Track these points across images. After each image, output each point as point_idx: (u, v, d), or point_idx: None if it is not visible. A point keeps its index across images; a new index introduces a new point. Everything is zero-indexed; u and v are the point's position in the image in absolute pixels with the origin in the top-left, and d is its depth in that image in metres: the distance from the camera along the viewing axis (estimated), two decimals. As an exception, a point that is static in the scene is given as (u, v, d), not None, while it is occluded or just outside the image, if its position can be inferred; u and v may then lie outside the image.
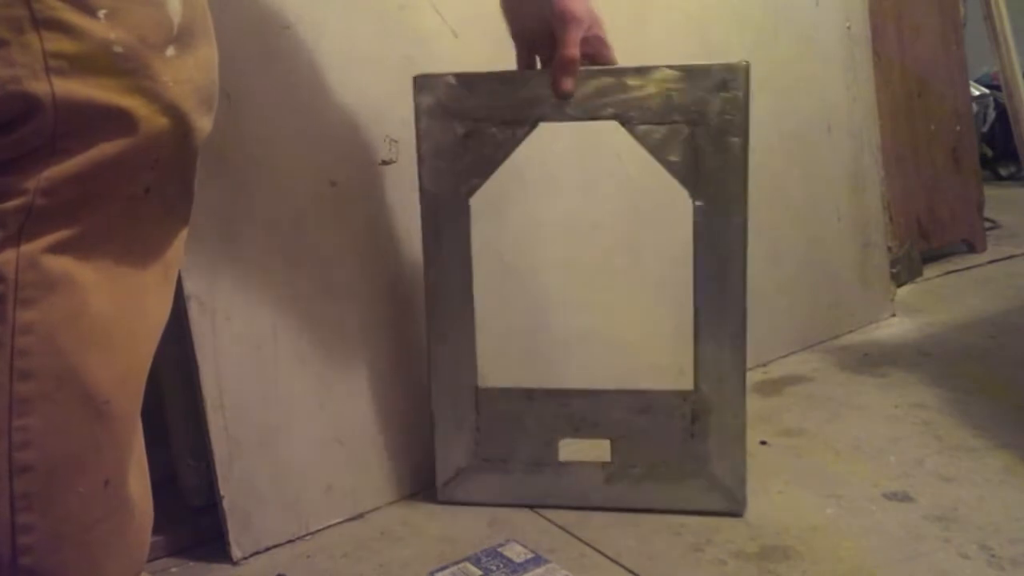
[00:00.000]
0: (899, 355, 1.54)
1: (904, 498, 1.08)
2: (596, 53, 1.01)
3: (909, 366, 1.49)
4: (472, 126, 1.05)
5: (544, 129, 1.05)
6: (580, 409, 1.10)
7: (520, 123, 1.04)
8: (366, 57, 1.10)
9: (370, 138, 1.11)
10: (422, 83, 1.04)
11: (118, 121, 0.59)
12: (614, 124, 1.03)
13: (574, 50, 0.96)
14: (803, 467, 1.18)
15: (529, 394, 1.11)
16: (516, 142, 1.05)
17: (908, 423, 1.29)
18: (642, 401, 1.09)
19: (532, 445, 1.11)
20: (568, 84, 0.99)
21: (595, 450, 1.10)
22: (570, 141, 1.11)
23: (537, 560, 0.99)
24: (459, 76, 1.04)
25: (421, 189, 1.06)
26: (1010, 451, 1.17)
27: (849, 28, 1.65)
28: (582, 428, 1.11)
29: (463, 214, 1.07)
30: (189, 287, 0.98)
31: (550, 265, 1.27)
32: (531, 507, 1.10)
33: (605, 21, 1.01)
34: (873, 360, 1.54)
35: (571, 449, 1.11)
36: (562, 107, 1.02)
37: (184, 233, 0.70)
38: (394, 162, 1.12)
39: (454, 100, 1.04)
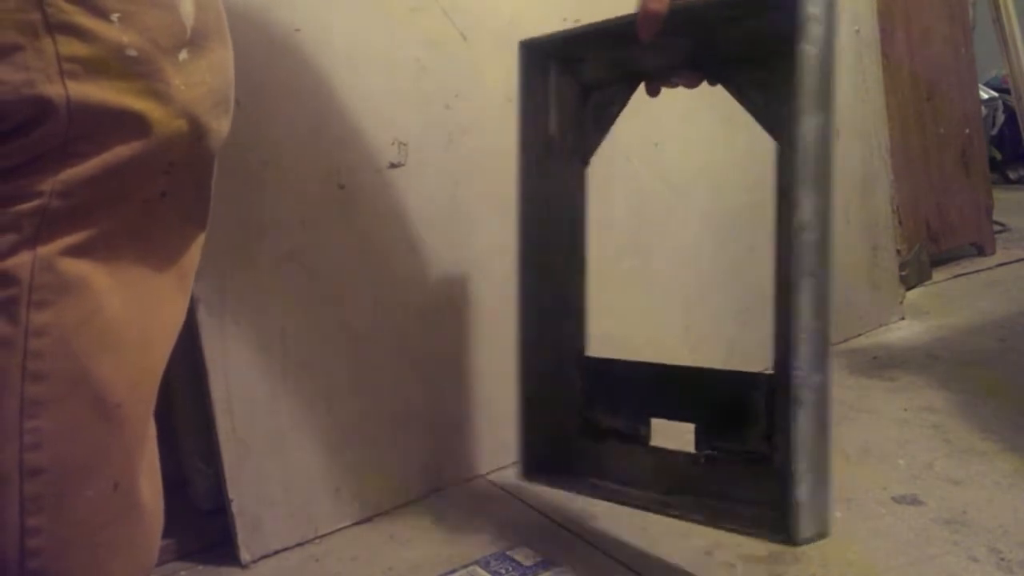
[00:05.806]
0: (908, 358, 1.54)
1: (913, 501, 1.08)
2: None
3: (918, 369, 1.49)
4: (588, 83, 1.00)
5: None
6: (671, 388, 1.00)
7: (628, 78, 0.98)
8: (375, 60, 1.10)
9: (379, 141, 1.11)
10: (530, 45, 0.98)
11: (131, 124, 0.59)
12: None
13: (655, 4, 0.89)
14: (812, 470, 1.18)
15: (631, 366, 1.03)
16: (625, 99, 1.00)
17: (917, 426, 1.28)
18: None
19: (625, 423, 1.02)
20: (645, 32, 0.91)
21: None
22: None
23: (546, 564, 0.99)
24: (569, 32, 0.98)
25: (527, 145, 0.99)
26: (1019, 454, 1.17)
27: (858, 31, 1.65)
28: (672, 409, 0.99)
29: (579, 174, 1.02)
30: (198, 290, 0.98)
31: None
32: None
33: None
34: (882, 363, 1.53)
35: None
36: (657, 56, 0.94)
37: (201, 239, 0.70)
38: (403, 165, 1.12)
39: (567, 58, 0.99)
